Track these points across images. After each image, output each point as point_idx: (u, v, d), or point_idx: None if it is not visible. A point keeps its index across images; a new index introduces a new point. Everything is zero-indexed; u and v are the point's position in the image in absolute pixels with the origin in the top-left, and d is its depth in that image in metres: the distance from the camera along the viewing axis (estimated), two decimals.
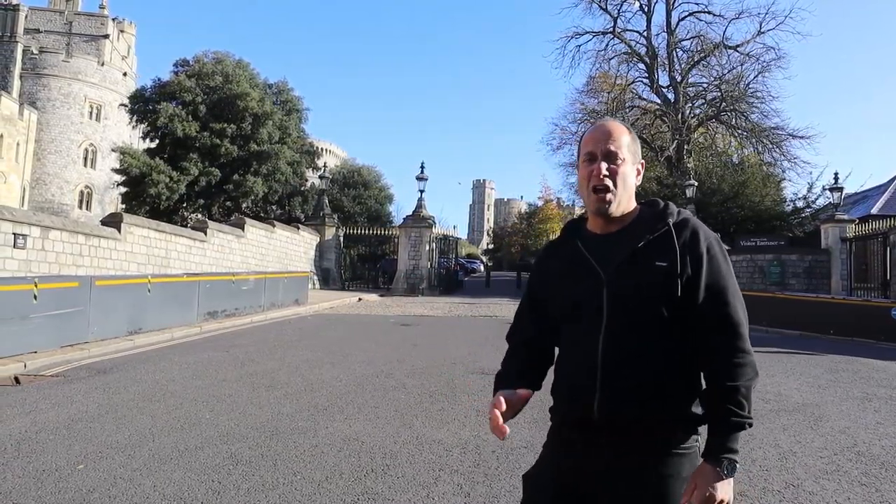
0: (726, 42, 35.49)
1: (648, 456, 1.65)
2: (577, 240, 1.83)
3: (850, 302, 16.94)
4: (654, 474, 1.64)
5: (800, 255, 24.10)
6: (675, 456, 1.66)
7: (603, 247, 1.77)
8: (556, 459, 1.79)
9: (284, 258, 25.60)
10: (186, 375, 7.95)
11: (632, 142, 1.82)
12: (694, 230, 1.73)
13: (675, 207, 1.82)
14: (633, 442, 1.65)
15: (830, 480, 4.59)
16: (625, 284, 1.69)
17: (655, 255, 1.69)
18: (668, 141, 37.12)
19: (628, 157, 1.79)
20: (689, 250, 1.69)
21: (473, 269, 57.97)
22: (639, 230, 1.75)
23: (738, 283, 1.79)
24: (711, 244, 1.72)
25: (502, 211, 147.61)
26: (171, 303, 12.70)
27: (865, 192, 32.38)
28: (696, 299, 1.67)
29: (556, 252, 1.91)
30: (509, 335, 2.00)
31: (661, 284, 1.66)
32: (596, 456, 1.68)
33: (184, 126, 29.02)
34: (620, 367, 1.66)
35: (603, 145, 1.77)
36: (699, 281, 1.67)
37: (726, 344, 1.67)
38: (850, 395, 7.98)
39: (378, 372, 8.55)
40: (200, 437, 5.16)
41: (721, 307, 1.68)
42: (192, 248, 18.62)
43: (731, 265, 1.77)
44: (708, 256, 1.70)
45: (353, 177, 43.89)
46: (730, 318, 1.68)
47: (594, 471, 1.68)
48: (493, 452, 4.97)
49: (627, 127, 1.86)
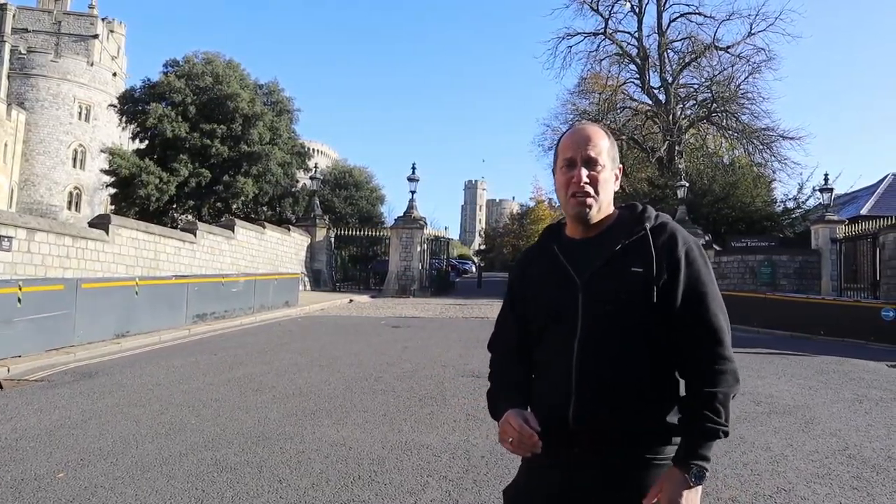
0: (717, 43, 35.68)
1: (626, 466, 1.61)
2: (555, 245, 1.80)
3: (841, 303, 16.98)
4: (632, 485, 1.60)
5: (790, 256, 24.17)
6: (654, 467, 1.61)
7: (580, 252, 1.74)
8: (536, 471, 1.74)
9: (275, 260, 25.46)
10: (173, 379, 7.85)
11: (611, 147, 1.78)
12: (671, 234, 1.69)
13: (652, 211, 1.78)
14: (610, 451, 1.61)
15: (822, 484, 4.55)
16: (600, 291, 1.65)
17: (631, 260, 1.66)
18: (659, 142, 37.25)
19: (608, 164, 1.75)
20: (665, 255, 1.65)
21: (465, 270, 58.01)
22: (616, 235, 1.72)
23: (730, 284, 1.75)
24: (690, 248, 1.68)
25: (494, 212, 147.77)
26: (159, 305, 12.57)
27: (855, 193, 32.54)
28: (674, 305, 1.63)
29: (534, 257, 1.88)
30: (492, 343, 1.95)
31: (637, 290, 1.63)
32: (574, 466, 1.64)
33: (173, 127, 28.84)
34: (595, 374, 1.62)
35: (583, 151, 1.73)
36: (677, 286, 1.63)
37: (706, 350, 1.63)
38: (841, 396, 7.97)
39: (367, 375, 8.47)
40: (185, 443, 5.07)
41: (700, 313, 1.64)
42: (181, 250, 18.46)
43: (712, 269, 1.72)
44: (686, 261, 1.66)
45: (344, 178, 43.82)
46: (709, 323, 1.63)
47: (573, 483, 1.64)
48: (483, 458, 4.91)
49: (606, 131, 1.82)
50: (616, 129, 38.66)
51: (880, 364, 11.04)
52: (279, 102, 34.34)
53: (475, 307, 22.63)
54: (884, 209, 27.29)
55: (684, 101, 38.68)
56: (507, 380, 1.83)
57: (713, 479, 4.56)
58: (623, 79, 39.68)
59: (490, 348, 1.96)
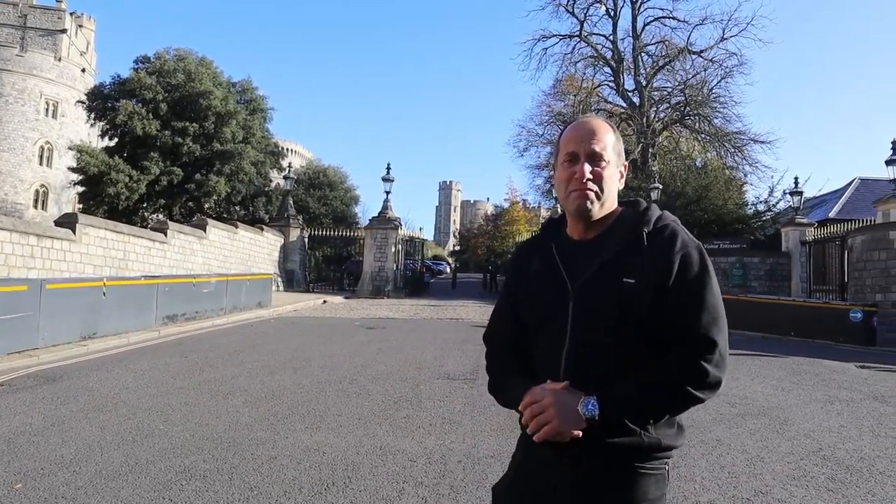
0: (690, 47, 36.07)
1: (613, 475, 1.55)
2: (553, 244, 1.72)
3: (811, 304, 17.25)
4: (619, 496, 1.54)
5: (761, 258, 24.53)
6: (642, 475, 1.55)
7: (577, 255, 1.66)
8: (525, 473, 1.69)
9: (248, 260, 25.11)
10: (141, 383, 7.63)
11: (616, 141, 1.69)
12: (670, 238, 1.59)
13: (655, 212, 1.68)
14: (598, 459, 1.55)
15: (798, 487, 4.55)
16: (591, 300, 1.58)
17: (625, 270, 1.56)
18: (633, 144, 37.51)
19: (613, 159, 1.66)
20: (660, 262, 1.55)
21: (439, 271, 58.00)
22: (614, 238, 1.63)
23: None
24: (688, 253, 1.57)
25: (469, 212, 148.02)
26: (128, 306, 12.28)
27: (824, 197, 33.11)
28: (667, 315, 1.53)
29: (532, 254, 1.80)
30: (489, 335, 1.87)
31: (629, 304, 1.54)
32: (562, 472, 1.59)
33: (144, 124, 28.28)
34: (581, 383, 1.54)
35: (587, 145, 1.64)
36: (669, 296, 1.53)
37: (691, 361, 1.52)
38: (813, 397, 8.05)
39: (341, 377, 8.34)
40: (153, 450, 4.90)
41: (691, 322, 1.52)
42: (151, 250, 18.09)
43: (714, 274, 1.60)
44: (680, 266, 1.55)
45: (318, 177, 43.49)
46: (701, 334, 1.52)
47: (560, 489, 1.59)
48: (459, 462, 4.83)
49: (612, 125, 1.72)
50: None
51: (849, 364, 11.21)
52: (253, 101, 33.90)
53: (449, 308, 22.56)
54: (851, 212, 27.80)
55: (658, 104, 39.07)
56: (515, 369, 1.75)
57: (691, 481, 4.55)
58: (598, 81, 39.99)
59: (487, 342, 1.88)
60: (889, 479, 4.82)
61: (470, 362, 9.89)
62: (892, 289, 16.11)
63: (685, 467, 4.87)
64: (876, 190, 27.91)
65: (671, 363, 1.53)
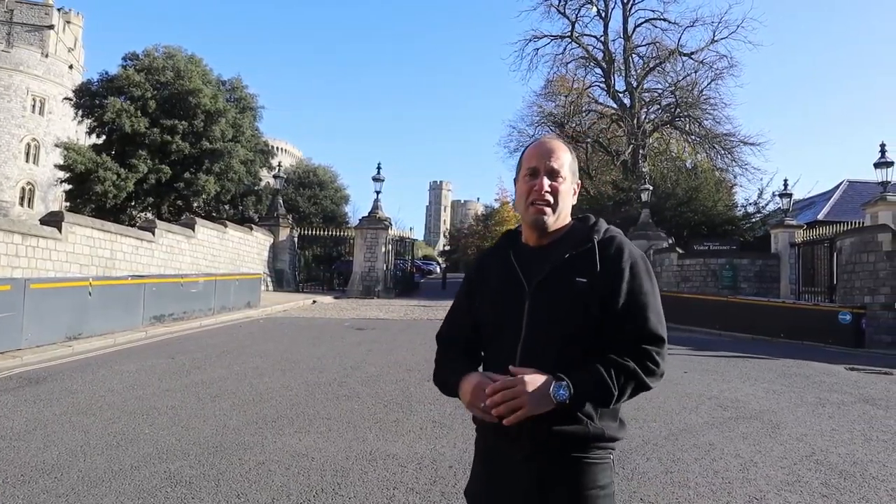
0: (681, 49, 36.22)
1: (565, 465, 1.68)
2: (511, 250, 1.87)
3: (800, 306, 17.30)
4: (571, 486, 1.67)
5: (751, 260, 24.60)
6: (590, 465, 1.69)
7: (532, 259, 1.81)
8: (484, 472, 1.82)
9: (237, 259, 24.93)
10: (126, 385, 7.51)
11: (572, 161, 1.87)
12: (618, 247, 1.76)
13: (603, 224, 1.86)
14: (550, 453, 1.67)
15: (793, 492, 4.51)
16: (545, 299, 1.73)
17: (577, 271, 1.73)
18: (623, 145, 37.66)
19: (568, 177, 1.84)
20: (611, 267, 1.73)
21: (429, 271, 57.99)
22: (566, 245, 1.79)
23: (692, 287, 1.85)
24: (636, 262, 1.75)
25: (459, 212, 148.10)
26: (114, 306, 12.12)
27: (812, 199, 33.35)
28: (615, 315, 1.69)
29: (491, 260, 1.94)
30: (442, 335, 2.00)
31: (580, 301, 1.69)
32: (515, 469, 1.71)
33: (132, 122, 28.01)
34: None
35: (546, 162, 1.81)
36: (619, 298, 1.70)
37: (642, 353, 1.69)
38: (804, 400, 8.04)
39: (330, 380, 8.25)
40: (137, 455, 4.80)
41: (640, 323, 1.71)
42: (139, 249, 17.89)
43: (656, 283, 1.80)
44: (630, 274, 1.73)
45: (308, 177, 43.25)
46: (647, 332, 1.70)
47: (516, 484, 1.71)
48: (451, 468, 4.76)
49: (569, 146, 1.91)
50: (581, 131, 39.03)
51: (839, 367, 11.23)
52: (242, 99, 33.67)
53: (440, 309, 22.45)
54: (839, 214, 28.00)
55: (649, 106, 39.17)
56: (460, 362, 1.86)
57: (685, 487, 4.50)
58: (589, 82, 40.09)
59: (439, 340, 2.00)
60: (883, 485, 4.79)
61: None
62: (880, 291, 16.16)
63: (678, 472, 4.83)
64: (863, 192, 28.12)
65: (621, 354, 1.67)
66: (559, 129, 39.26)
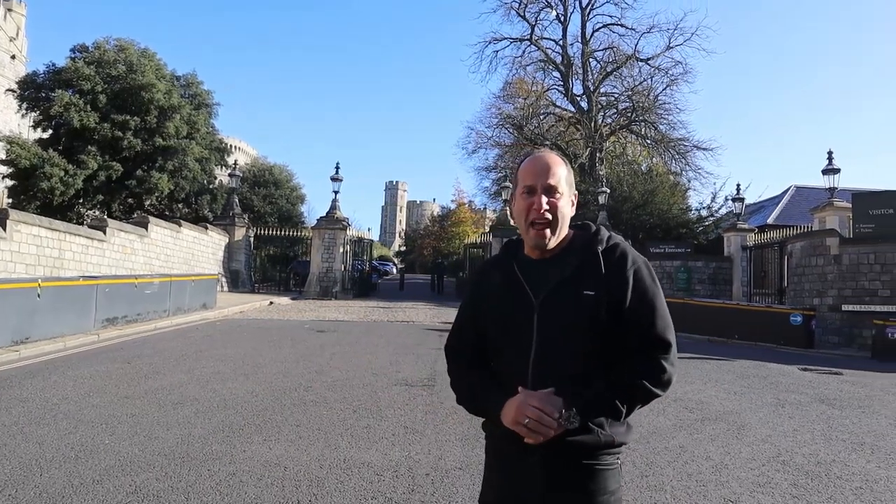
0: (638, 55, 36.94)
1: (577, 473, 1.71)
2: (514, 262, 1.87)
3: (754, 308, 17.80)
4: (582, 492, 1.70)
5: (705, 262, 25.22)
6: (600, 472, 1.72)
7: (537, 272, 1.82)
8: (497, 480, 1.84)
9: (191, 259, 24.30)
10: (82, 392, 7.19)
11: (568, 174, 1.88)
12: (622, 255, 1.80)
13: (605, 233, 1.87)
14: (561, 460, 1.69)
15: (765, 494, 4.59)
16: (554, 312, 1.74)
17: (584, 282, 1.75)
18: (581, 148, 38.15)
19: (566, 191, 1.85)
20: (616, 276, 1.75)
21: (386, 272, 57.65)
22: (571, 256, 1.81)
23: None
24: (639, 268, 1.78)
25: (415, 213, 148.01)
26: (65, 309, 11.62)
27: (762, 203, 34.38)
28: (624, 322, 1.72)
29: (494, 272, 1.94)
30: (451, 347, 2.00)
31: (590, 312, 1.71)
32: (529, 476, 1.73)
33: (81, 116, 26.90)
34: (550, 387, 1.69)
35: (543, 179, 1.82)
36: (626, 306, 1.73)
37: (652, 358, 1.73)
38: (764, 401, 8.24)
39: (296, 385, 8.07)
40: (99, 468, 4.57)
41: (648, 329, 1.74)
42: (89, 249, 17.24)
43: (660, 286, 1.83)
44: (635, 280, 1.75)
45: (263, 175, 42.42)
46: (656, 337, 1.74)
47: (529, 491, 1.73)
48: (427, 475, 4.69)
49: (564, 159, 1.91)
50: (540, 134, 39.35)
51: (793, 367, 11.58)
52: (198, 95, 32.75)
53: (399, 310, 22.36)
54: (787, 219, 28.94)
55: (606, 110, 39.81)
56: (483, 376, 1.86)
57: (661, 491, 4.53)
58: (547, 85, 40.53)
59: (449, 353, 2.00)
60: (847, 484, 4.92)
61: (426, 368, 9.75)
62: (828, 293, 16.75)
63: (654, 476, 4.86)
64: (810, 197, 29.15)
65: (631, 364, 1.72)
66: (518, 132, 39.59)
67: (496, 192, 41.87)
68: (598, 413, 1.68)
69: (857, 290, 16.23)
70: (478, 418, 1.89)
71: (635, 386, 1.70)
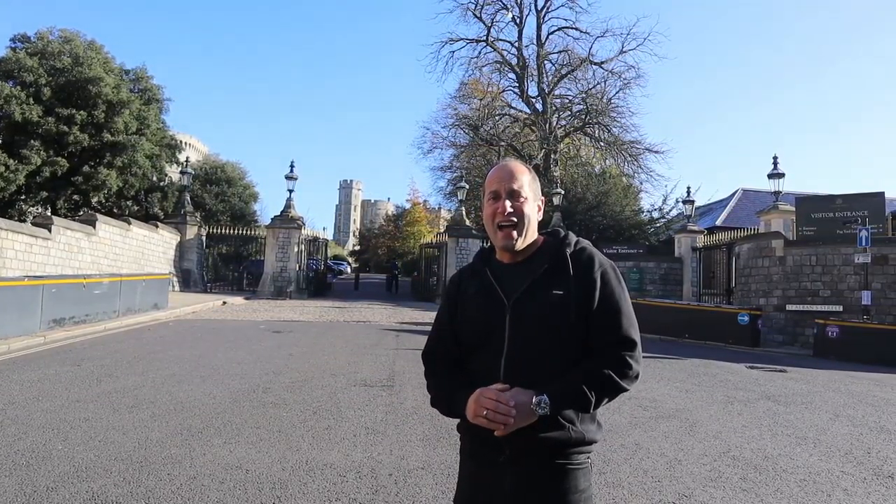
0: (592, 58, 37.56)
1: (548, 472, 1.76)
2: (487, 268, 1.95)
3: (704, 308, 18.33)
4: (553, 491, 1.76)
5: (657, 263, 25.85)
6: (571, 470, 1.78)
7: (509, 275, 1.90)
8: (470, 478, 1.90)
9: (141, 259, 23.69)
10: (30, 396, 6.96)
11: (532, 180, 1.97)
12: (589, 258, 1.88)
13: (573, 237, 1.96)
14: (533, 458, 1.76)
15: (717, 488, 4.77)
16: (525, 312, 1.82)
17: (553, 283, 1.83)
18: (536, 150, 38.58)
19: (530, 196, 1.93)
20: (584, 278, 1.83)
21: (340, 271, 57.28)
22: (541, 259, 1.90)
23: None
24: (606, 271, 1.86)
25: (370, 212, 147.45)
26: (7, 310, 11.20)
27: (711, 205, 35.43)
28: (592, 323, 1.81)
29: (469, 279, 2.01)
30: (428, 353, 2.05)
31: (559, 311, 1.79)
32: (500, 475, 1.79)
33: (23, 109, 25.91)
34: (521, 384, 1.75)
35: (506, 184, 1.91)
36: (593, 306, 1.81)
37: (618, 355, 1.80)
38: (714, 398, 8.52)
39: (254, 386, 7.98)
40: (53, 475, 4.45)
41: (615, 328, 1.81)
42: (33, 247, 16.65)
43: (626, 288, 1.91)
44: (602, 282, 1.83)
45: (216, 173, 41.63)
46: (622, 335, 1.81)
47: (501, 491, 1.78)
48: (391, 476, 4.71)
49: (528, 167, 2.00)
50: (495, 135, 39.66)
51: (740, 365, 11.99)
52: (148, 90, 31.93)
53: (355, 310, 22.26)
54: (735, 221, 29.91)
55: (560, 112, 40.36)
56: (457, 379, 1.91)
57: (618, 487, 4.66)
58: (503, 86, 40.88)
59: (426, 359, 2.05)
60: (792, 477, 5.15)
61: (384, 368, 9.76)
62: (773, 293, 17.39)
63: (611, 473, 4.99)
64: (756, 200, 30.18)
65: (599, 360, 1.79)
66: (474, 132, 39.80)
67: (451, 192, 42.07)
68: (568, 400, 1.73)
69: (801, 291, 16.91)
70: (439, 418, 2.00)
71: (603, 377, 1.75)
